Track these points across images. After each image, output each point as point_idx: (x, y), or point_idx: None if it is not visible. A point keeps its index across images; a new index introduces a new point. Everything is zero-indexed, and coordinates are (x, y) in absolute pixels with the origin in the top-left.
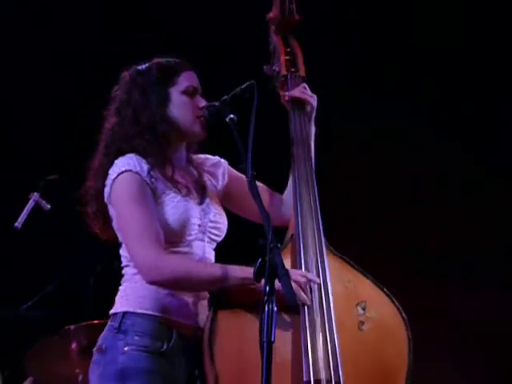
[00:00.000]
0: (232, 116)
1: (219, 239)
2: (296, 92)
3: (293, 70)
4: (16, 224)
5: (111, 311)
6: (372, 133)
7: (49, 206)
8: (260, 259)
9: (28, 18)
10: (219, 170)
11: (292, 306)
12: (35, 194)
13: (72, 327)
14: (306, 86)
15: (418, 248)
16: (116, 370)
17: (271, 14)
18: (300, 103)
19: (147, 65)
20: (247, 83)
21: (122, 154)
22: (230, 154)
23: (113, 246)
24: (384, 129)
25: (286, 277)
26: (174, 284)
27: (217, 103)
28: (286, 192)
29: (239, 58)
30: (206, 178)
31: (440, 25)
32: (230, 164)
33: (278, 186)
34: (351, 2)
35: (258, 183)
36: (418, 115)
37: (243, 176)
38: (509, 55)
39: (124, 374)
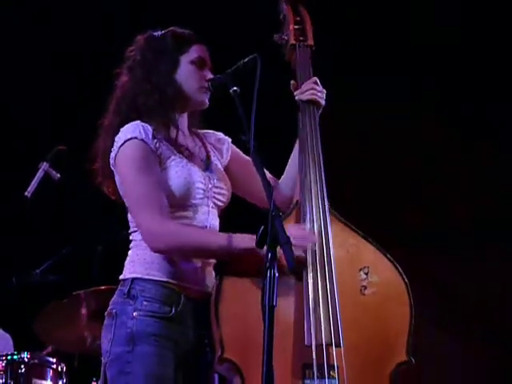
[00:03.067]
0: (235, 88)
1: (223, 205)
2: (306, 95)
3: (301, 38)
4: (26, 193)
5: (120, 277)
6: (363, 113)
7: (58, 176)
8: (262, 227)
9: (28, 18)
10: (223, 146)
11: (293, 272)
12: (45, 163)
13: (81, 293)
14: (317, 81)
15: (416, 223)
16: (126, 334)
17: None
18: None
19: (163, 32)
20: (250, 56)
21: (130, 114)
22: (232, 127)
23: (121, 214)
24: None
25: (287, 244)
26: (177, 251)
27: (220, 76)
28: (284, 173)
29: (239, 57)
30: (210, 149)
31: (440, 24)
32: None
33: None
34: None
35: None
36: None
37: (244, 156)
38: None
39: (133, 338)
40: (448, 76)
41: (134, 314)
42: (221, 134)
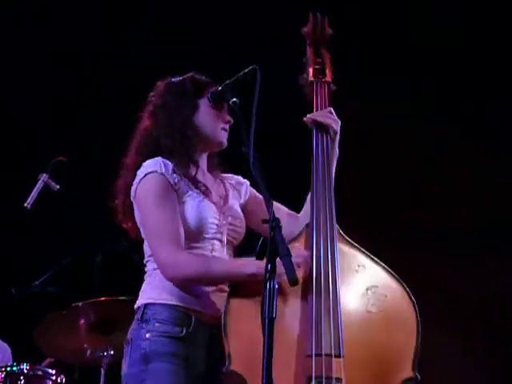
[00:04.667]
0: (235, 99)
1: (236, 242)
2: (319, 116)
3: (320, 77)
4: (26, 204)
5: (135, 306)
6: (363, 113)
7: (58, 187)
8: (262, 238)
9: (28, 18)
10: (242, 187)
11: (292, 284)
12: (44, 174)
13: (80, 304)
14: (332, 111)
15: (416, 223)
16: (140, 355)
17: (306, 29)
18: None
19: (181, 78)
20: (249, 67)
21: (152, 152)
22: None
23: (120, 225)
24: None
25: (287, 256)
26: (191, 280)
27: (220, 87)
28: (301, 212)
29: (239, 57)
30: (229, 188)
31: (440, 24)
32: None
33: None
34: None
35: (276, 203)
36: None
37: (260, 196)
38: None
39: (147, 357)
40: (448, 76)
41: (147, 335)
42: (240, 178)
